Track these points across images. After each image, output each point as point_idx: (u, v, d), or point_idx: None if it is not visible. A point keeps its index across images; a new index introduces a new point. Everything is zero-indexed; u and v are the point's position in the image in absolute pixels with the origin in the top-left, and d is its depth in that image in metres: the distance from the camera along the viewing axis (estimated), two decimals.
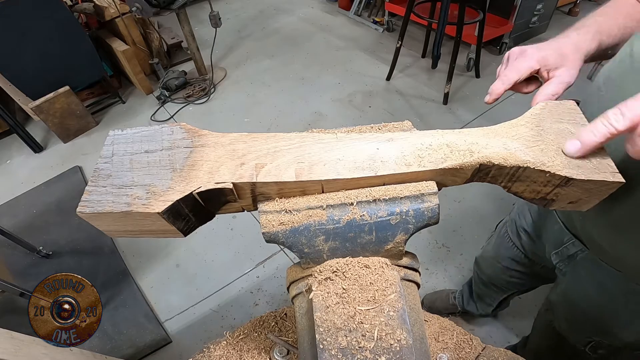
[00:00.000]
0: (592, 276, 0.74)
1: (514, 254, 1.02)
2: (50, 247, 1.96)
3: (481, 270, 1.24)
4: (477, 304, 1.40)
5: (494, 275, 1.18)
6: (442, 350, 0.73)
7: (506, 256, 1.06)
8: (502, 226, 1.08)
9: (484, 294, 1.32)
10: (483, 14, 2.47)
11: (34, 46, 2.33)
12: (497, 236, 1.10)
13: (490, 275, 1.20)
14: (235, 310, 1.71)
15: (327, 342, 0.38)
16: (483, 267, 1.22)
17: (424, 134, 0.45)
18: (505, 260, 1.07)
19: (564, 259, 0.79)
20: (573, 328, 0.86)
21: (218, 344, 0.74)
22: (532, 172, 0.41)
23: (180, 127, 0.47)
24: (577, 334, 0.85)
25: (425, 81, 2.87)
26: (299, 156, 0.43)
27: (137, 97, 3.02)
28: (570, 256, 0.77)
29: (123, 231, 0.44)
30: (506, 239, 1.03)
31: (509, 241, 1.02)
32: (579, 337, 0.85)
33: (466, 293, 1.46)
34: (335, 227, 0.41)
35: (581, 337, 0.84)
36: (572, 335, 0.87)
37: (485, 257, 1.20)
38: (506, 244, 1.03)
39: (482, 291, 1.31)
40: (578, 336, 0.85)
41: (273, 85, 2.99)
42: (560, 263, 0.81)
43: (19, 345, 0.94)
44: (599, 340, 0.81)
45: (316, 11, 3.95)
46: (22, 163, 2.58)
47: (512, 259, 1.04)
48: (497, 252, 1.10)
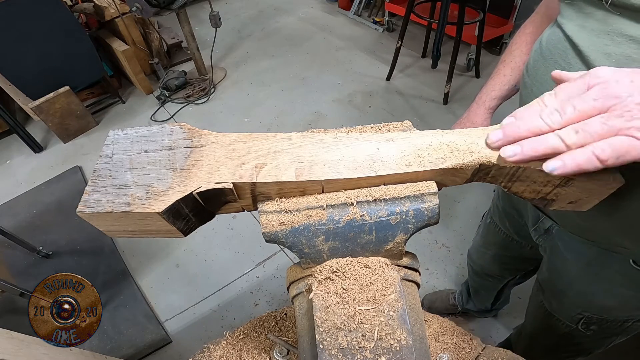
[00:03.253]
0: (568, 247, 0.75)
1: (501, 238, 1.03)
2: (50, 247, 1.96)
3: (473, 261, 1.25)
4: (475, 299, 1.40)
5: (485, 265, 1.19)
6: (442, 350, 0.73)
7: (494, 242, 1.07)
8: (487, 214, 1.09)
9: (479, 287, 1.32)
10: (483, 14, 2.47)
11: (34, 46, 2.33)
12: (484, 225, 1.12)
13: (483, 265, 1.21)
14: (235, 310, 1.71)
15: (327, 342, 0.38)
16: (475, 258, 1.23)
17: (424, 134, 0.45)
18: (494, 246, 1.08)
19: (542, 234, 0.81)
20: (561, 304, 0.86)
21: (218, 344, 0.74)
22: (532, 172, 0.41)
23: (180, 127, 0.47)
24: (567, 310, 0.85)
25: (425, 81, 2.87)
26: (299, 156, 0.43)
27: (137, 97, 3.02)
28: (547, 230, 0.78)
29: (123, 231, 0.44)
30: (492, 225, 1.05)
31: (495, 227, 1.03)
32: (569, 314, 0.85)
33: (465, 292, 1.46)
34: (335, 227, 0.41)
35: (571, 313, 0.84)
36: (562, 312, 0.87)
37: (475, 247, 1.22)
38: (493, 230, 1.05)
39: (477, 284, 1.32)
40: (568, 312, 0.85)
41: (273, 85, 2.99)
42: (540, 239, 0.83)
43: (19, 345, 0.94)
44: (589, 315, 0.81)
45: (316, 11, 3.95)
46: (22, 163, 2.58)
47: (501, 244, 1.05)
48: (485, 239, 1.12)
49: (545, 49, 0.61)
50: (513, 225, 0.96)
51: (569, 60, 0.56)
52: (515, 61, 0.83)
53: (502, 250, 1.07)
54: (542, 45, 0.62)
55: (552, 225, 0.76)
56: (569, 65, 0.55)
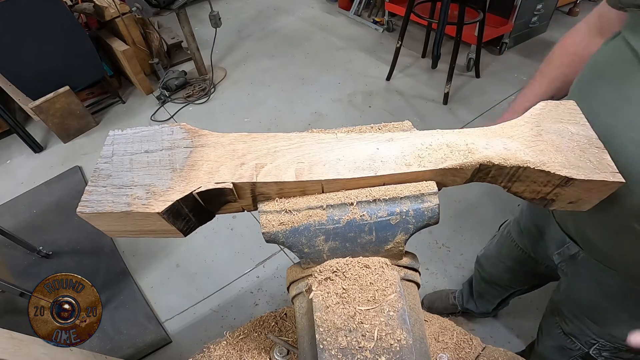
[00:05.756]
0: (591, 275, 0.74)
1: (517, 253, 1.02)
2: (50, 247, 1.96)
3: (483, 269, 1.24)
4: (477, 302, 1.40)
5: (496, 274, 1.18)
6: (442, 350, 0.73)
7: (509, 256, 1.06)
8: (505, 227, 1.08)
9: (485, 292, 1.32)
10: (483, 14, 2.47)
11: (34, 46, 2.33)
12: (500, 236, 1.10)
13: (493, 274, 1.20)
14: (235, 310, 1.71)
15: (327, 342, 0.38)
16: (485, 266, 1.22)
17: (424, 134, 0.45)
18: (509, 259, 1.07)
19: (566, 259, 0.79)
20: (577, 328, 0.86)
21: (218, 344, 0.74)
22: (532, 172, 0.41)
23: (180, 127, 0.47)
24: (581, 335, 0.85)
25: (425, 81, 2.87)
26: (299, 156, 0.43)
27: (137, 97, 3.02)
28: (572, 256, 0.77)
29: (123, 231, 0.44)
30: (509, 239, 1.04)
31: (512, 241, 1.02)
32: (583, 338, 0.85)
33: (466, 292, 1.46)
34: (335, 227, 0.41)
35: (585, 338, 0.84)
36: (577, 336, 0.87)
37: (487, 255, 1.20)
38: (509, 244, 1.04)
39: (484, 289, 1.31)
40: (582, 337, 0.85)
41: (273, 85, 2.99)
42: (562, 263, 0.81)
43: (19, 345, 0.94)
44: (603, 342, 0.80)
45: (316, 11, 3.95)
46: (22, 163, 2.57)
47: (516, 258, 1.04)
48: (499, 251, 1.11)
49: (601, 66, 0.55)
50: (532, 243, 0.94)
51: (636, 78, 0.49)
52: (553, 73, 0.77)
53: (516, 264, 1.06)
54: (598, 62, 0.56)
55: (578, 252, 0.74)
56: (633, 86, 0.49)
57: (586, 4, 3.50)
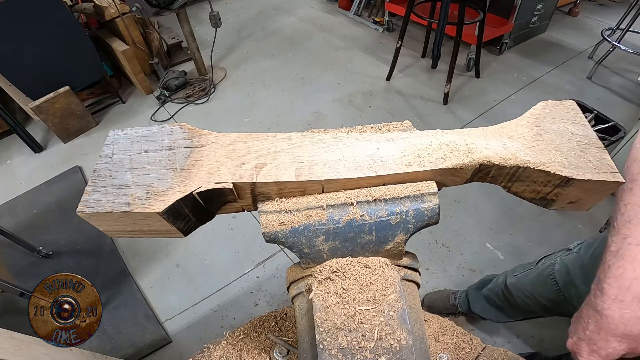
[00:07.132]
0: None
1: (556, 297, 0.97)
2: (50, 247, 1.96)
3: (512, 295, 1.18)
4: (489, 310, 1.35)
5: (524, 305, 1.14)
6: (442, 350, 0.73)
7: (547, 297, 1.01)
8: (548, 267, 1.01)
9: (505, 306, 1.27)
10: (483, 14, 2.47)
11: (34, 46, 2.33)
12: (539, 274, 1.04)
13: (520, 304, 1.15)
14: (235, 310, 1.71)
15: (327, 342, 0.38)
16: (515, 295, 1.17)
17: (424, 134, 0.45)
18: (545, 299, 1.03)
19: None
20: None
21: (218, 344, 0.74)
22: (532, 172, 0.41)
23: (180, 127, 0.47)
24: None
25: (425, 81, 2.87)
26: (299, 156, 0.43)
27: (137, 97, 3.02)
28: None
29: (123, 231, 0.44)
30: (551, 282, 0.98)
31: (554, 285, 0.97)
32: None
33: (472, 296, 1.43)
34: (335, 227, 0.41)
35: None
36: None
37: (520, 288, 1.14)
38: (550, 287, 0.98)
39: (504, 304, 1.26)
40: None
41: (273, 85, 2.99)
42: None
43: (19, 345, 0.94)
44: None
45: (316, 11, 3.95)
46: (22, 163, 2.57)
47: (553, 300, 0.99)
48: (535, 288, 1.06)
49: None
50: (577, 296, 0.89)
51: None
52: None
53: (551, 304, 1.01)
54: None
55: None
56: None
57: (586, 4, 3.50)
